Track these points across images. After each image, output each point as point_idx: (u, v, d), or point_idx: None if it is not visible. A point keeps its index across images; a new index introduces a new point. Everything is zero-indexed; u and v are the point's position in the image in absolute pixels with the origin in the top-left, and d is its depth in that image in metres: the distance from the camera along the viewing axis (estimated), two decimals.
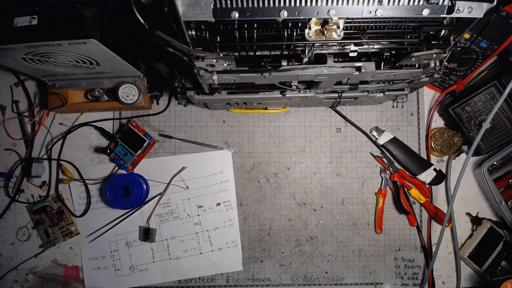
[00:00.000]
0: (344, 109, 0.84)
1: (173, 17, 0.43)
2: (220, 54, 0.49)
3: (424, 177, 0.81)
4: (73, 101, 0.78)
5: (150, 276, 0.82)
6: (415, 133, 0.84)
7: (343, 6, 0.43)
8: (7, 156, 0.83)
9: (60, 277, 0.83)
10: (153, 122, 0.84)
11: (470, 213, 0.83)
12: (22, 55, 0.59)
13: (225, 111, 0.84)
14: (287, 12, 0.43)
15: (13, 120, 0.82)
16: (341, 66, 0.53)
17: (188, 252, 0.82)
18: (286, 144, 0.84)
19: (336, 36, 0.46)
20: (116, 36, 0.59)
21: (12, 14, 0.54)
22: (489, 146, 0.79)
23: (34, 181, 0.82)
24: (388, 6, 0.44)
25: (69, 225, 0.82)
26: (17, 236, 0.83)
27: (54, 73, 0.71)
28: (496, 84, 0.77)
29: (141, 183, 0.79)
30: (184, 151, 0.83)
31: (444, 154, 0.82)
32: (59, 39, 0.54)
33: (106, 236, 0.82)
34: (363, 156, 0.84)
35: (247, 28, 0.47)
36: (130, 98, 0.76)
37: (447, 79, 0.81)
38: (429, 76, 0.59)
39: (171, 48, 0.47)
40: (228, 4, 0.42)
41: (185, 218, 0.82)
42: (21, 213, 0.83)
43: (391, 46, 0.51)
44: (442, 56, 0.52)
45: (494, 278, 0.73)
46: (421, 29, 0.49)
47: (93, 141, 0.83)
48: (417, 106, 0.84)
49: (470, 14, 0.44)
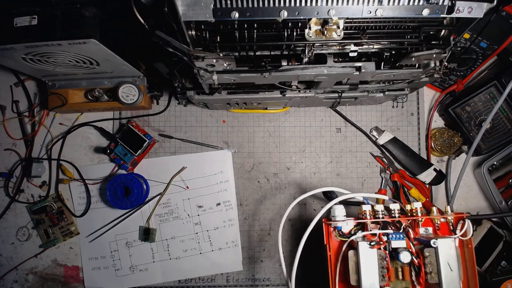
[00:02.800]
0: (344, 109, 0.84)
1: (173, 17, 0.43)
2: (220, 54, 0.49)
3: (424, 177, 0.81)
4: (73, 101, 0.78)
5: (150, 276, 0.82)
6: (415, 133, 0.84)
7: (343, 6, 0.43)
8: (7, 156, 0.83)
9: (60, 277, 0.83)
10: (153, 122, 0.84)
11: (469, 213, 0.83)
12: (22, 55, 0.59)
13: (225, 111, 0.84)
14: (287, 12, 0.43)
15: (13, 120, 0.82)
16: (341, 66, 0.53)
17: (188, 252, 0.82)
18: (286, 144, 0.84)
19: (336, 36, 0.46)
20: (116, 36, 0.59)
21: (12, 14, 0.54)
22: (489, 146, 0.79)
23: (34, 181, 0.82)
24: (388, 6, 0.44)
25: (69, 225, 0.82)
26: (17, 236, 0.83)
27: (54, 73, 0.71)
28: (496, 84, 0.77)
29: (141, 183, 0.79)
30: (184, 151, 0.83)
31: (444, 154, 0.82)
32: (59, 39, 0.54)
33: (106, 236, 0.82)
34: (363, 156, 0.84)
35: (247, 28, 0.47)
36: (130, 98, 0.76)
37: (447, 79, 0.81)
38: (429, 76, 0.59)
39: (171, 48, 0.47)
40: (228, 4, 0.42)
41: (185, 218, 0.82)
42: (21, 213, 0.83)
43: (391, 46, 0.51)
44: (442, 56, 0.52)
45: (494, 278, 0.73)
46: (421, 29, 0.49)
47: (93, 141, 0.83)
48: (417, 106, 0.84)
49: (470, 14, 0.44)
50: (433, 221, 0.59)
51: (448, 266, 0.53)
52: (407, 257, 0.54)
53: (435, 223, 0.59)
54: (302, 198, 0.63)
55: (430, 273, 0.55)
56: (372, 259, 0.55)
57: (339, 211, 0.60)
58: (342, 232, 0.60)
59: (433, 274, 0.55)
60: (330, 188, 0.66)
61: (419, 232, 0.59)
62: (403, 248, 0.56)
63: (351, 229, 0.60)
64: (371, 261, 0.55)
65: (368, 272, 0.54)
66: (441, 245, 0.54)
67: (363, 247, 0.55)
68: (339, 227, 0.60)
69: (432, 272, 0.55)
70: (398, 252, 0.55)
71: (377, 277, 0.54)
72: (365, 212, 0.58)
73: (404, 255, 0.54)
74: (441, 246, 0.54)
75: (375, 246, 0.55)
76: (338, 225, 0.60)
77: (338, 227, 0.60)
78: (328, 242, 0.60)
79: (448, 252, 0.54)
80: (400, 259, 0.54)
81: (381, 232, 0.57)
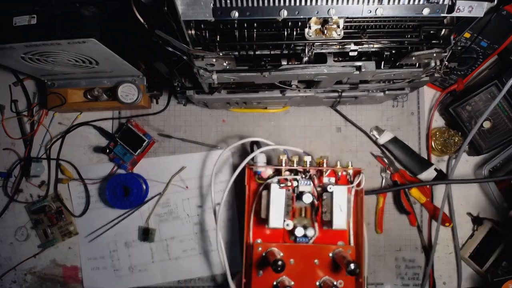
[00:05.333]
0: (344, 109, 0.84)
1: (173, 17, 0.43)
2: (219, 54, 0.49)
3: (424, 177, 0.80)
4: (72, 101, 0.78)
5: (149, 276, 0.82)
6: (416, 133, 0.83)
7: (343, 6, 0.43)
8: (6, 155, 0.83)
9: (59, 277, 0.82)
10: (153, 122, 0.84)
11: (471, 213, 0.83)
12: (21, 54, 0.59)
13: (224, 111, 0.84)
14: (287, 12, 0.43)
15: (12, 119, 0.82)
16: (341, 66, 0.53)
17: (187, 252, 0.82)
18: (286, 144, 0.84)
19: (336, 35, 0.46)
20: (116, 36, 0.59)
21: (11, 14, 0.54)
22: (490, 145, 0.79)
23: (33, 181, 0.82)
24: (388, 5, 0.43)
25: (68, 225, 0.82)
26: (16, 236, 0.82)
27: (53, 73, 0.70)
28: (497, 84, 0.76)
29: (140, 183, 0.79)
30: (184, 150, 0.83)
31: (445, 153, 0.82)
32: (59, 39, 0.54)
33: (105, 236, 0.82)
34: (363, 156, 0.83)
35: (247, 27, 0.47)
36: (129, 98, 0.75)
37: (447, 78, 0.81)
38: (430, 76, 0.58)
39: (171, 47, 0.47)
40: (228, 4, 0.42)
41: (185, 218, 0.82)
42: (19, 213, 0.82)
43: (391, 46, 0.51)
44: (443, 55, 0.51)
45: (495, 279, 0.73)
46: (422, 28, 0.49)
47: (92, 140, 0.83)
48: (417, 106, 0.84)
49: (470, 13, 0.44)
50: (336, 173, 0.71)
51: (339, 207, 0.66)
52: (308, 198, 0.67)
53: (337, 175, 0.71)
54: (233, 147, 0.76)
55: (325, 212, 0.68)
56: (280, 198, 0.67)
57: (261, 158, 0.72)
58: (261, 177, 0.71)
59: (327, 213, 0.68)
60: (256, 139, 0.75)
61: (323, 181, 0.71)
62: (307, 191, 0.68)
63: (269, 174, 0.71)
64: (279, 199, 0.67)
65: (276, 208, 0.66)
66: (336, 190, 0.67)
67: (274, 187, 0.67)
68: (259, 171, 0.71)
69: (327, 212, 0.68)
70: (303, 194, 0.67)
71: (283, 212, 0.66)
72: (281, 160, 0.70)
73: (306, 196, 0.67)
74: (336, 191, 0.67)
75: (284, 187, 0.67)
76: (258, 169, 0.70)
77: (258, 171, 0.71)
78: (249, 184, 0.71)
79: (341, 197, 0.67)
80: (303, 199, 0.67)
81: (291, 177, 0.68)
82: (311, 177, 0.70)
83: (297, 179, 0.68)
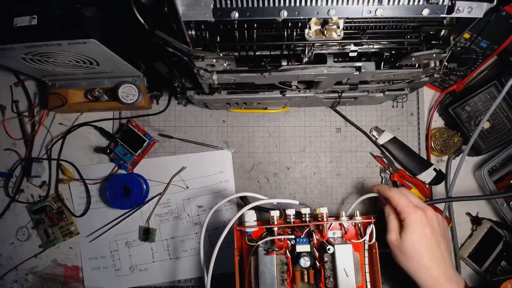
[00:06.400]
0: (344, 109, 0.84)
1: (173, 17, 0.43)
2: (220, 54, 0.49)
3: (424, 177, 0.81)
4: (73, 101, 0.78)
5: (150, 276, 0.82)
6: (415, 133, 0.84)
7: (343, 6, 0.43)
8: (7, 156, 0.83)
9: (60, 277, 0.83)
10: (153, 122, 0.84)
11: (470, 213, 0.83)
12: (22, 55, 0.59)
13: (225, 111, 0.84)
14: (287, 12, 0.43)
15: (13, 120, 0.82)
16: (341, 66, 0.53)
17: (188, 252, 0.82)
18: (286, 144, 0.84)
19: (336, 36, 0.46)
20: (116, 36, 0.59)
21: (11, 14, 0.54)
22: (489, 146, 0.79)
23: (34, 181, 0.82)
24: (388, 6, 0.43)
25: (69, 225, 0.82)
26: (17, 236, 0.83)
27: (54, 73, 0.71)
28: (496, 84, 0.77)
29: (141, 183, 0.79)
30: (184, 151, 0.83)
31: (444, 154, 0.82)
32: (59, 39, 0.54)
33: (106, 236, 0.82)
34: (363, 156, 0.84)
35: (247, 28, 0.47)
36: (130, 98, 0.75)
37: (447, 79, 0.81)
38: (429, 76, 0.59)
39: (171, 48, 0.47)
40: (228, 4, 0.42)
41: (185, 218, 0.82)
42: (20, 213, 0.83)
43: (391, 46, 0.51)
44: (442, 56, 0.52)
45: (494, 278, 0.73)
46: (421, 29, 0.49)
47: (93, 141, 0.83)
48: (417, 106, 0.84)
49: (470, 14, 0.44)
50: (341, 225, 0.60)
51: (344, 272, 0.54)
52: (306, 262, 0.55)
53: (343, 227, 0.60)
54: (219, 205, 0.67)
55: (329, 277, 0.56)
56: (270, 265, 0.55)
57: (249, 217, 0.61)
58: (251, 237, 0.61)
59: (332, 279, 0.55)
60: (243, 194, 0.67)
61: (327, 236, 0.59)
62: (305, 253, 0.56)
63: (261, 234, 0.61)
64: (269, 267, 0.55)
65: (266, 277, 0.55)
66: (338, 251, 0.55)
67: (261, 253, 0.56)
68: (249, 232, 0.61)
69: (330, 277, 0.56)
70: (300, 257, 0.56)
71: (275, 281, 0.55)
72: (272, 217, 0.59)
73: (304, 260, 0.55)
74: (338, 252, 0.55)
75: (272, 253, 0.56)
76: (247, 230, 0.61)
77: (248, 232, 0.61)
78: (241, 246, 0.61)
79: (345, 258, 0.54)
80: (300, 263, 0.55)
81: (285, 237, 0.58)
82: (311, 234, 0.59)
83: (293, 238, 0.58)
